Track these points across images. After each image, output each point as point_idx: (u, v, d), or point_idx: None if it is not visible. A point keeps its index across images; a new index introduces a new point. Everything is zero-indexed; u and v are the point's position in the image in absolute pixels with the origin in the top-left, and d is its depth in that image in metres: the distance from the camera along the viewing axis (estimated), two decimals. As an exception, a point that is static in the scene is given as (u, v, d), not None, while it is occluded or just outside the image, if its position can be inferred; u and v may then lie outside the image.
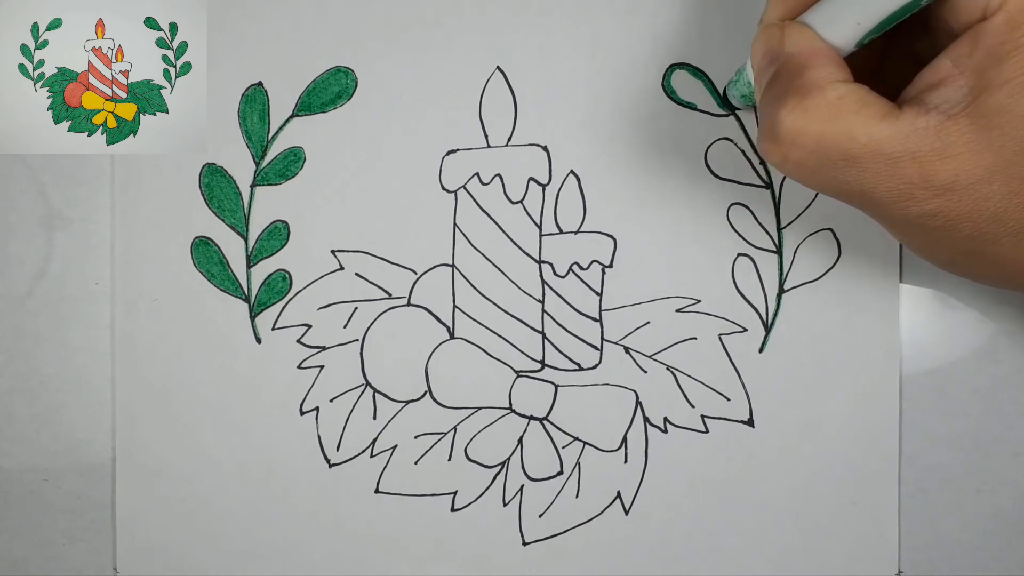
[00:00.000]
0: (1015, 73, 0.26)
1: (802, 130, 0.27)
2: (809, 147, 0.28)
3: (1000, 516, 0.38)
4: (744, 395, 0.38)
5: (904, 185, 0.27)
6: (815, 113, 0.27)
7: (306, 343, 0.38)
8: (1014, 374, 0.38)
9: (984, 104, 0.26)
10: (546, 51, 0.38)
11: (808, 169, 0.28)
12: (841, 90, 0.27)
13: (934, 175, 0.27)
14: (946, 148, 0.26)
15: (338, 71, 0.38)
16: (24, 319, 0.39)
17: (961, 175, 0.27)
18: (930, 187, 0.27)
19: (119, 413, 0.38)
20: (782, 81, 0.29)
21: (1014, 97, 0.26)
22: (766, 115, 0.29)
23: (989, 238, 0.28)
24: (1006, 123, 0.26)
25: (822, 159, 0.28)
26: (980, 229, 0.27)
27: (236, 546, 0.39)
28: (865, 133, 0.27)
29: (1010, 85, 0.26)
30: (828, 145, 0.27)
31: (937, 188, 0.27)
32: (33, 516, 0.39)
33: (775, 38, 0.29)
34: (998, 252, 0.28)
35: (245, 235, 0.38)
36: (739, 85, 0.35)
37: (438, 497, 0.38)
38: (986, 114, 0.26)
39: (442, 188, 0.38)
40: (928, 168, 0.27)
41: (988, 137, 0.26)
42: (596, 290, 0.38)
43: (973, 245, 0.28)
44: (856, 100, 0.27)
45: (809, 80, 0.28)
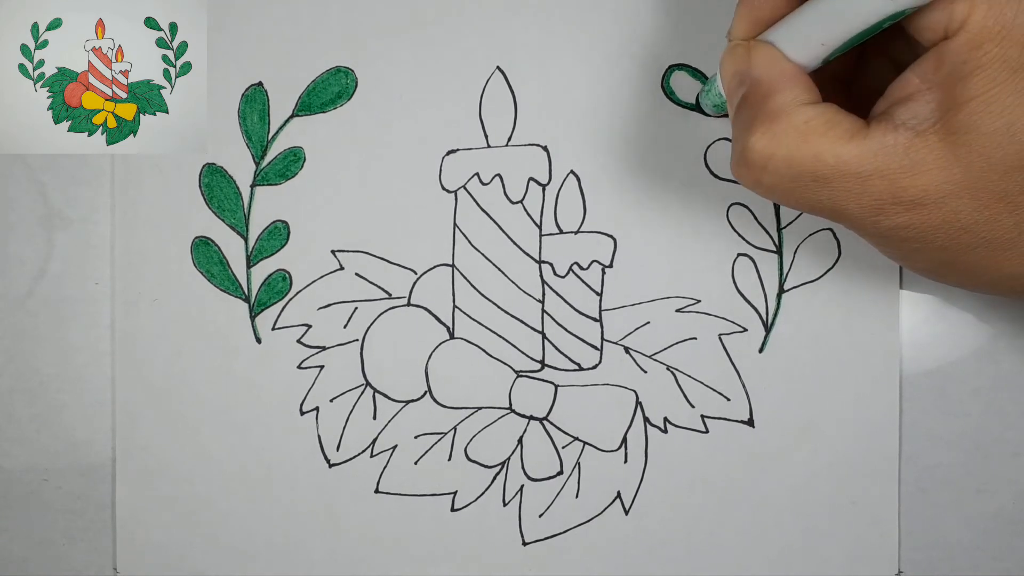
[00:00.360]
0: (979, 91, 0.26)
1: (771, 155, 0.28)
2: (780, 171, 0.28)
3: (1000, 516, 0.38)
4: (744, 395, 0.38)
5: (874, 201, 0.27)
6: (783, 139, 0.28)
7: (306, 343, 0.38)
8: (1014, 374, 0.38)
9: (951, 121, 0.26)
10: (546, 51, 0.38)
11: (780, 191, 0.29)
12: (808, 113, 0.28)
13: (903, 192, 0.27)
14: (915, 165, 0.27)
15: (338, 71, 0.38)
16: (24, 319, 0.39)
17: (930, 190, 0.27)
18: (900, 203, 0.27)
19: (119, 413, 0.38)
20: (750, 106, 0.29)
21: (979, 115, 0.26)
22: (737, 140, 0.29)
23: (962, 248, 0.28)
24: (973, 140, 0.26)
25: (793, 181, 0.28)
26: (952, 240, 0.28)
27: (236, 546, 0.39)
28: (833, 155, 0.27)
29: (975, 103, 0.26)
30: (797, 168, 0.28)
31: (907, 203, 0.27)
32: (33, 516, 0.39)
33: (742, 60, 0.30)
34: (972, 261, 0.28)
35: (245, 235, 0.38)
36: (711, 95, 0.35)
37: (438, 497, 0.38)
38: (954, 131, 0.26)
39: (442, 188, 0.38)
40: (897, 185, 0.27)
41: (956, 154, 0.26)
42: (596, 290, 0.38)
43: (947, 255, 0.28)
44: (823, 122, 0.28)
45: (776, 105, 0.28)
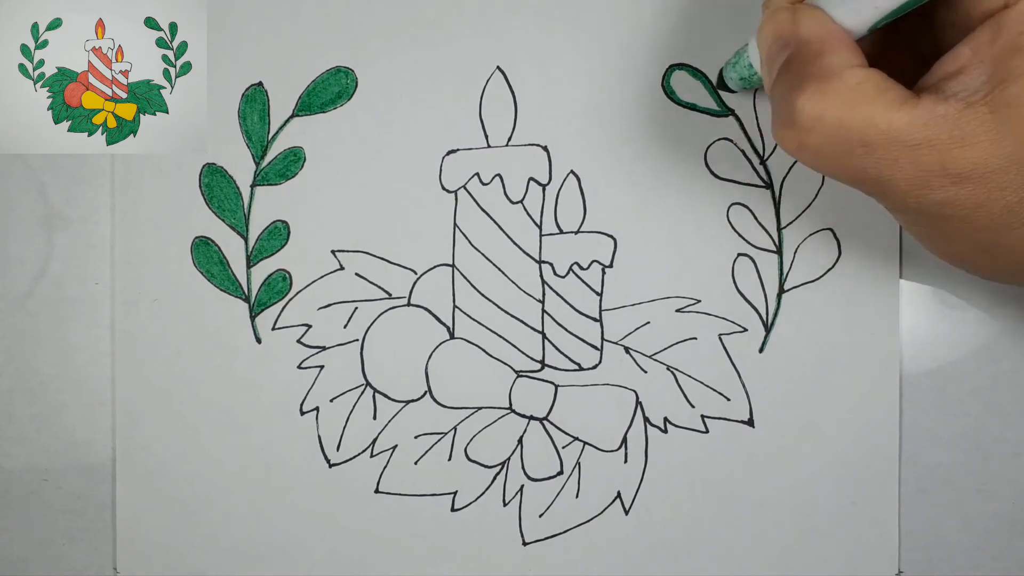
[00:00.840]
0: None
1: (820, 116, 0.27)
2: (828, 134, 0.27)
3: (1000, 516, 0.38)
4: (744, 395, 0.38)
5: (922, 173, 0.27)
6: (834, 99, 0.27)
7: (306, 343, 0.38)
8: (1014, 374, 0.38)
9: (1004, 93, 0.26)
10: (546, 51, 0.38)
11: (825, 156, 0.28)
12: (860, 76, 0.27)
13: (952, 163, 0.26)
14: (965, 136, 0.26)
15: (338, 71, 0.38)
16: (24, 319, 0.39)
17: (979, 163, 0.26)
18: (948, 175, 0.27)
19: (119, 413, 0.38)
20: (797, 67, 0.28)
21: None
22: (781, 101, 0.28)
23: (1003, 228, 0.27)
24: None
25: (840, 146, 0.27)
26: (995, 219, 0.27)
27: (236, 546, 0.39)
28: (885, 120, 0.27)
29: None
30: (847, 132, 0.27)
31: (955, 176, 0.27)
32: (33, 516, 0.39)
33: (787, 22, 0.29)
34: (1011, 244, 0.28)
35: (245, 235, 0.38)
36: (738, 67, 0.34)
37: (438, 497, 0.38)
38: (1006, 103, 0.26)
39: (442, 188, 0.38)
40: (947, 156, 0.26)
41: (1007, 126, 0.26)
42: (596, 290, 0.38)
43: (987, 236, 0.28)
44: (875, 86, 0.27)
45: (827, 66, 0.27)
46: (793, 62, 0.29)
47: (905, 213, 0.29)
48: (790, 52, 0.29)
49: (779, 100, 0.29)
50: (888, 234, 0.37)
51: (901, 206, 0.28)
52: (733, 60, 0.34)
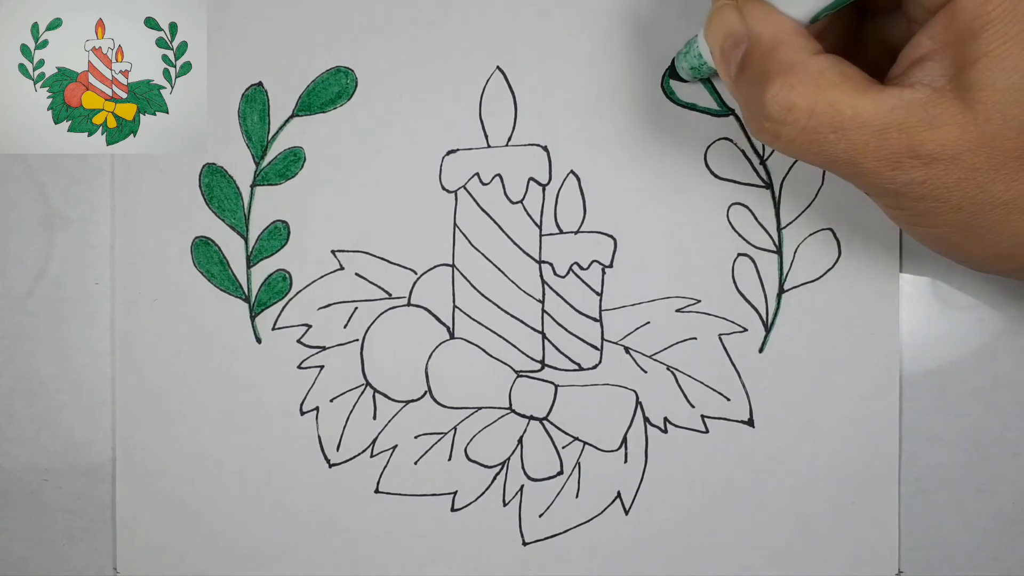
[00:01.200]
0: (990, 47, 0.26)
1: (791, 106, 0.28)
2: (800, 122, 0.28)
3: (1000, 516, 0.38)
4: (744, 395, 0.38)
5: (891, 155, 0.27)
6: (801, 88, 0.28)
7: (306, 343, 0.38)
8: (1014, 374, 0.38)
9: (966, 78, 0.26)
10: (546, 51, 0.38)
11: (799, 144, 0.28)
12: (821, 63, 0.28)
13: (920, 145, 0.27)
14: (933, 119, 0.27)
15: (338, 71, 0.38)
16: (24, 319, 0.39)
17: (947, 145, 0.27)
18: (917, 156, 0.27)
19: (119, 413, 0.38)
20: (757, 62, 0.29)
21: (992, 71, 0.26)
22: (749, 98, 0.29)
23: (978, 208, 0.28)
24: (988, 97, 0.26)
25: (812, 133, 0.28)
26: (968, 199, 0.28)
27: (236, 546, 0.39)
28: (850, 105, 0.27)
29: (987, 59, 0.26)
30: (817, 118, 0.28)
31: (924, 157, 0.27)
32: (33, 516, 0.39)
33: (734, 19, 0.29)
34: (988, 224, 0.28)
35: (245, 235, 0.38)
36: (688, 57, 0.35)
37: (438, 497, 0.38)
38: (969, 87, 0.26)
39: (442, 188, 0.38)
40: (915, 138, 0.27)
41: (972, 110, 0.26)
42: (596, 290, 0.38)
43: (962, 216, 0.28)
44: (838, 72, 0.28)
45: (786, 57, 0.28)
46: (751, 58, 0.29)
47: (883, 196, 0.29)
48: (745, 48, 0.29)
49: (747, 97, 0.29)
50: (888, 234, 0.37)
51: (877, 188, 0.29)
52: (684, 51, 0.35)
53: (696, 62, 0.34)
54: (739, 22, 0.29)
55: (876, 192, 0.29)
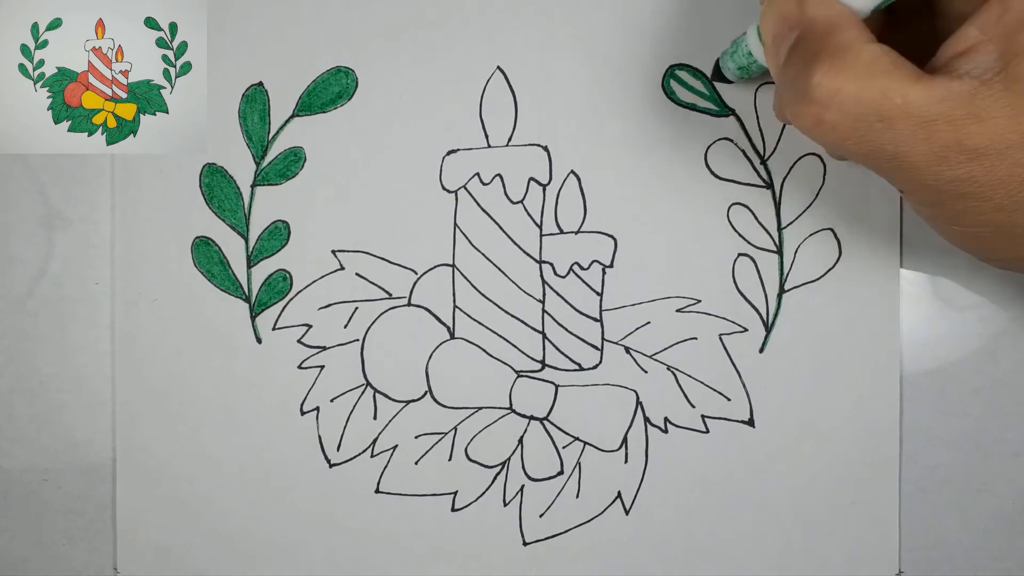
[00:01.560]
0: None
1: (838, 90, 0.27)
2: (845, 108, 0.27)
3: (1000, 516, 0.38)
4: (744, 395, 0.38)
5: (938, 148, 0.27)
6: (851, 72, 0.27)
7: (306, 343, 0.38)
8: (1014, 374, 0.38)
9: (1016, 69, 0.26)
10: (546, 51, 0.38)
11: (842, 131, 0.28)
12: (875, 50, 0.27)
13: (968, 139, 0.26)
14: (980, 112, 0.26)
15: (338, 71, 0.38)
16: (24, 319, 0.39)
17: (995, 139, 0.26)
18: (964, 151, 0.27)
19: (119, 413, 0.38)
20: (809, 44, 0.28)
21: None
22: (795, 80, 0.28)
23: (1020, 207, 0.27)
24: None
25: (857, 121, 0.27)
26: (1011, 197, 0.27)
27: (236, 546, 0.39)
28: (900, 94, 0.27)
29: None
30: (865, 106, 0.27)
31: (971, 152, 0.27)
32: (33, 516, 0.39)
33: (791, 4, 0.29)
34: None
35: (245, 235, 0.38)
36: (736, 56, 0.34)
37: (438, 497, 0.38)
38: (1018, 78, 0.26)
39: (442, 188, 0.38)
40: (963, 132, 0.26)
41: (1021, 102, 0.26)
42: (596, 290, 0.38)
43: (1003, 215, 0.28)
44: (890, 61, 0.27)
45: (840, 41, 0.27)
46: (804, 41, 0.28)
47: (922, 192, 0.29)
48: (799, 33, 0.29)
49: (792, 79, 0.29)
50: (888, 234, 0.37)
51: (918, 184, 0.28)
52: (731, 50, 0.34)
53: (745, 60, 0.34)
54: (796, 7, 0.29)
55: (916, 188, 0.29)
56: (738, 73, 0.35)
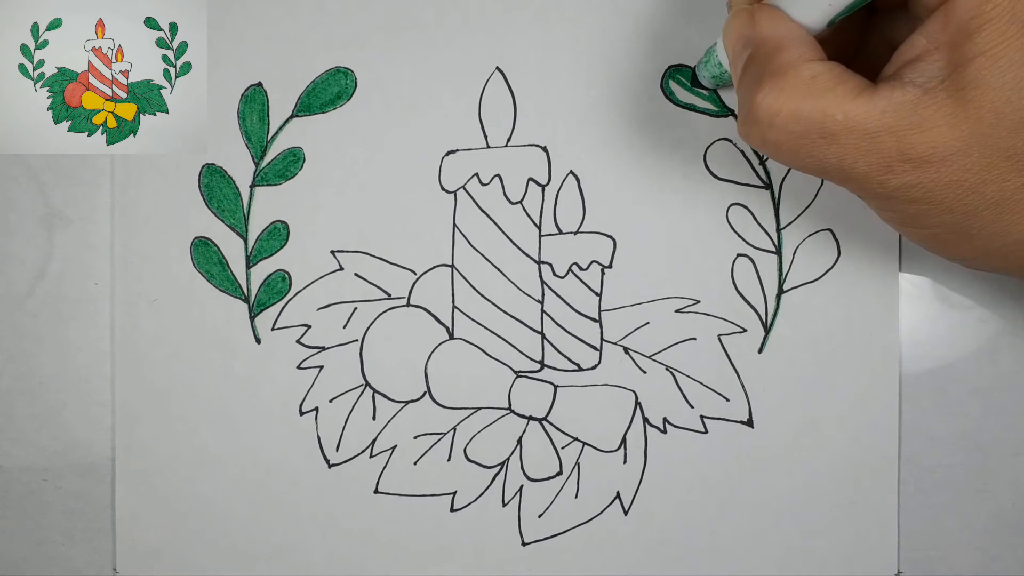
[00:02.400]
0: (987, 46, 0.26)
1: (779, 110, 0.28)
2: (787, 127, 0.28)
3: (1000, 516, 0.38)
4: (743, 395, 0.38)
5: (882, 159, 0.27)
6: (790, 93, 0.28)
7: (306, 343, 0.38)
8: (1014, 374, 0.38)
9: (959, 77, 0.26)
10: (546, 51, 0.38)
11: (787, 148, 0.28)
12: (816, 68, 0.28)
13: (911, 148, 0.27)
14: (923, 121, 0.27)
15: (338, 71, 0.38)
16: (24, 319, 0.39)
17: (939, 147, 0.27)
18: (908, 160, 0.27)
19: (119, 413, 0.38)
20: (756, 64, 0.29)
21: (988, 69, 0.26)
22: (743, 98, 0.29)
23: (970, 210, 0.28)
24: (981, 95, 0.26)
25: (800, 138, 0.28)
26: (960, 201, 0.28)
27: (236, 546, 0.39)
28: (841, 110, 0.27)
29: (983, 58, 0.26)
30: (805, 123, 0.28)
31: (915, 161, 0.27)
32: (33, 516, 0.39)
33: (746, 22, 0.30)
34: (980, 225, 0.28)
35: (245, 235, 0.38)
36: (709, 66, 0.35)
37: (438, 497, 0.38)
38: (962, 87, 0.26)
39: (441, 188, 0.38)
40: (906, 142, 0.27)
41: (964, 110, 0.26)
42: (595, 290, 0.38)
43: (954, 218, 0.28)
44: (831, 78, 0.28)
45: (783, 61, 0.28)
46: (753, 60, 0.29)
47: (874, 199, 0.29)
48: (750, 51, 0.29)
49: (742, 98, 0.29)
50: (888, 234, 0.37)
51: (868, 193, 0.29)
52: (704, 59, 0.35)
53: (716, 70, 0.34)
54: (749, 25, 0.30)
55: (867, 196, 0.29)
56: (712, 81, 0.35)
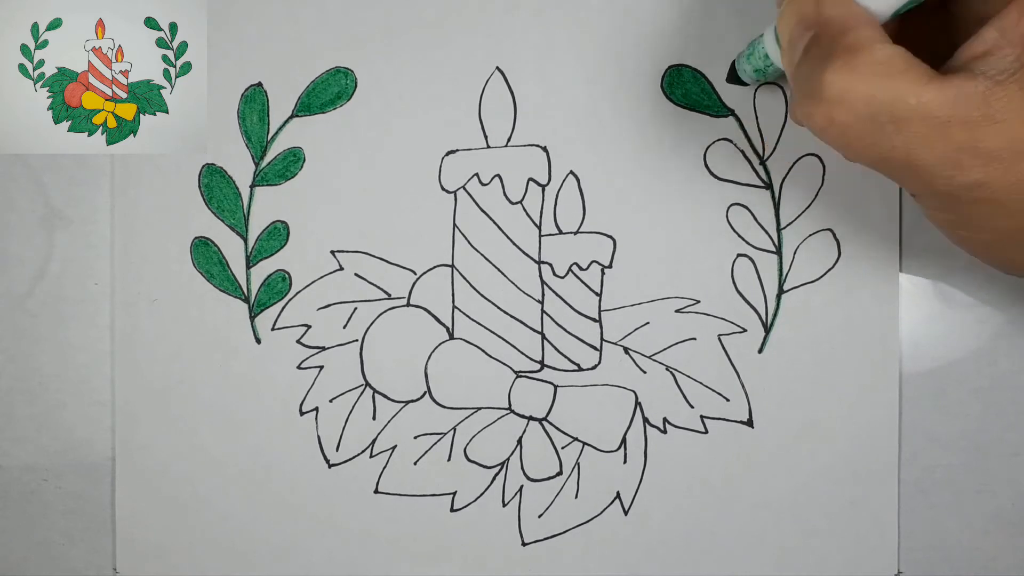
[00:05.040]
0: None
1: (850, 89, 0.27)
2: (857, 108, 0.27)
3: (1000, 516, 0.38)
4: (743, 395, 0.38)
5: (952, 151, 0.26)
6: (863, 72, 0.27)
7: (306, 343, 0.38)
8: (1014, 374, 0.38)
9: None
10: (546, 51, 0.38)
11: (853, 133, 0.27)
12: (889, 50, 0.27)
13: (982, 141, 0.26)
14: (995, 114, 0.26)
15: (338, 71, 0.38)
16: (24, 319, 0.39)
17: (1011, 141, 0.26)
18: (978, 154, 0.26)
19: (119, 413, 0.38)
20: (824, 43, 0.28)
21: None
22: (806, 78, 0.28)
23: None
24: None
25: (869, 122, 0.27)
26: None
27: (236, 546, 0.39)
28: (914, 94, 0.26)
29: None
30: (877, 106, 0.26)
31: (985, 156, 0.26)
32: (33, 516, 0.39)
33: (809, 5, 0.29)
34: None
35: (245, 235, 0.38)
36: (753, 59, 0.34)
37: (438, 497, 0.38)
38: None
39: (442, 188, 0.38)
40: (977, 134, 0.26)
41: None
42: (595, 290, 0.38)
43: (1015, 221, 0.27)
44: (904, 61, 0.27)
45: (855, 40, 0.27)
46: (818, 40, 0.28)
47: (934, 197, 0.28)
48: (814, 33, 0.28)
49: (804, 78, 0.28)
50: (887, 235, 0.37)
51: (930, 189, 0.28)
52: (747, 52, 0.34)
53: (761, 63, 0.33)
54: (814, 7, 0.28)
55: (928, 193, 0.28)
56: (754, 75, 0.34)
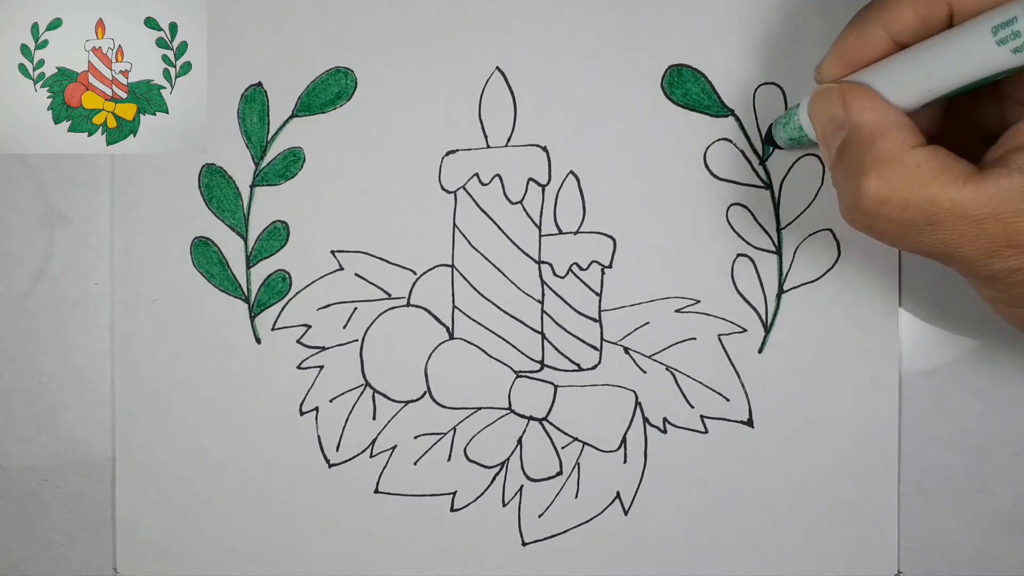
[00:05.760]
0: None
1: (885, 200, 0.28)
2: (894, 216, 0.28)
3: (1000, 516, 0.38)
4: (743, 395, 0.38)
5: (988, 244, 0.27)
6: (896, 183, 0.28)
7: (306, 343, 0.38)
8: (1014, 374, 0.38)
9: None
10: (546, 51, 0.38)
11: (894, 235, 0.29)
12: (920, 156, 0.28)
13: (1018, 235, 0.27)
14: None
15: (338, 71, 0.38)
16: (24, 319, 0.39)
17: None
18: (1014, 245, 0.27)
19: (119, 413, 0.38)
20: (855, 151, 0.29)
21: None
22: (845, 186, 0.29)
23: None
24: None
25: (907, 226, 0.28)
26: None
27: (236, 546, 0.39)
28: (948, 198, 0.27)
29: None
30: (912, 212, 0.27)
31: (1021, 247, 0.27)
32: (33, 516, 0.39)
33: (837, 104, 0.29)
34: None
35: (245, 235, 0.38)
36: (788, 128, 0.34)
37: (438, 497, 0.38)
38: None
39: (442, 188, 0.38)
40: (1012, 228, 0.27)
41: None
42: (595, 290, 0.38)
43: None
44: (936, 165, 0.27)
45: (884, 149, 0.28)
46: (850, 147, 0.29)
47: (978, 280, 0.29)
48: (844, 136, 0.29)
49: (842, 185, 0.29)
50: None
51: (973, 274, 0.29)
52: (783, 120, 0.34)
53: (796, 134, 0.34)
54: (841, 108, 0.29)
55: (971, 276, 0.29)
56: (789, 143, 0.35)
